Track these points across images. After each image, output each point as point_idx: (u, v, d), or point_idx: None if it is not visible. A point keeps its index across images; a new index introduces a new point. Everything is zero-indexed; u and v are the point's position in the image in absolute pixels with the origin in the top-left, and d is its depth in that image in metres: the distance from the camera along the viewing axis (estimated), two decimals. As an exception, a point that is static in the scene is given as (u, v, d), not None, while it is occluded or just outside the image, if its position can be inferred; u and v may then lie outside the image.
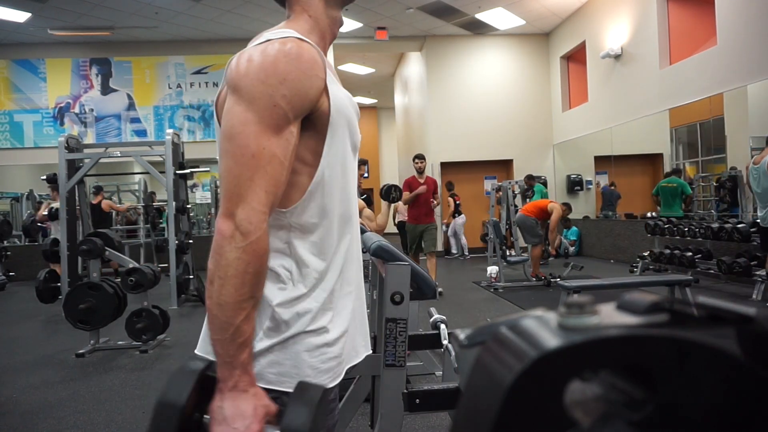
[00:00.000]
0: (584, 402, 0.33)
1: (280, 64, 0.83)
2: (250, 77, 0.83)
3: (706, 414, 0.31)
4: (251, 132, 0.81)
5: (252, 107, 0.82)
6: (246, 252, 0.79)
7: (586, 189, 10.55)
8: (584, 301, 0.32)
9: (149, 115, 10.57)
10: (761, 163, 4.75)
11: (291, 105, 0.83)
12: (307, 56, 0.86)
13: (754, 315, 0.32)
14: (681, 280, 3.84)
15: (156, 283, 4.58)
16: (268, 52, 0.84)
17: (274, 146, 0.82)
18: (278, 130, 0.83)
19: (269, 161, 0.82)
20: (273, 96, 0.82)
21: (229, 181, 0.82)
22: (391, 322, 1.54)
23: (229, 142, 0.82)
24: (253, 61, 0.84)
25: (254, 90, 0.82)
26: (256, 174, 0.81)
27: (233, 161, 0.82)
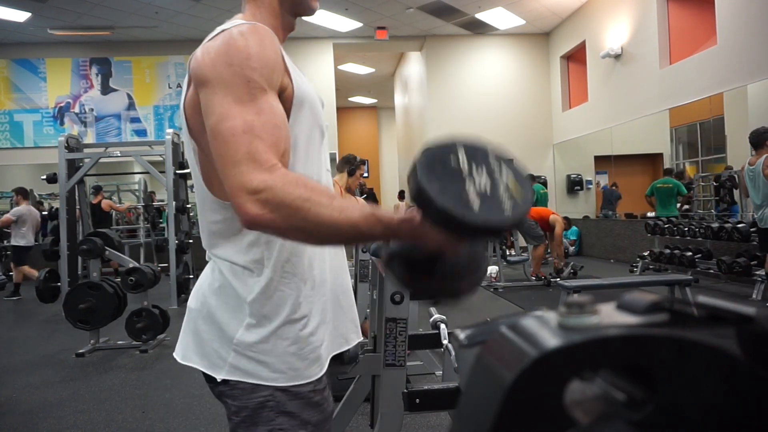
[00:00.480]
0: (584, 402, 0.33)
1: (239, 42, 0.84)
2: (216, 64, 0.83)
3: (706, 414, 0.31)
4: (236, 114, 0.80)
5: (228, 91, 0.81)
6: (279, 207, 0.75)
7: (586, 189, 10.55)
8: (584, 301, 0.32)
9: (149, 114, 10.57)
10: (756, 164, 4.75)
11: (263, 76, 0.83)
12: (263, 32, 0.87)
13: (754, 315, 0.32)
14: (681, 279, 3.84)
15: (156, 283, 4.58)
16: (224, 38, 0.85)
17: (263, 116, 0.81)
18: (258, 101, 0.82)
19: (263, 128, 0.80)
20: (243, 73, 0.82)
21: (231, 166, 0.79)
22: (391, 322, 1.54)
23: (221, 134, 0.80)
24: (213, 49, 0.84)
25: (224, 74, 0.82)
26: (252, 145, 0.78)
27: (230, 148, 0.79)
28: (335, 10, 9.36)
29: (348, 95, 16.13)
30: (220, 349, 0.91)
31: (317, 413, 0.94)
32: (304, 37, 10.32)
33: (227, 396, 0.92)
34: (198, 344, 0.94)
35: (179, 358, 0.98)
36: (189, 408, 3.11)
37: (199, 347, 0.94)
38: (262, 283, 0.90)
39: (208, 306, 0.94)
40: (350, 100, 16.77)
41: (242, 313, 0.90)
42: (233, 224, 0.91)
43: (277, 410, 0.90)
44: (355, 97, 16.74)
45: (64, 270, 6.05)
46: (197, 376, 0.98)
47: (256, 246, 0.91)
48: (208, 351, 0.93)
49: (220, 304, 0.92)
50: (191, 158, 0.94)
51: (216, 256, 0.95)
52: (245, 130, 0.79)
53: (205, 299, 0.94)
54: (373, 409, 2.11)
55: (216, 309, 0.93)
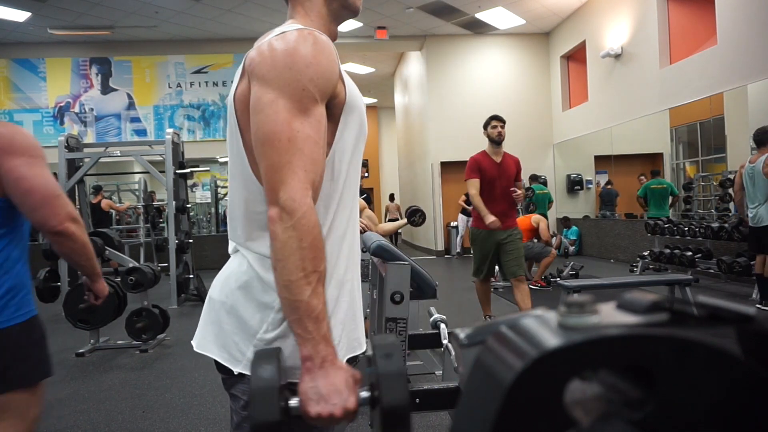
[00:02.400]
0: (584, 401, 0.33)
1: (302, 49, 0.86)
2: (277, 64, 0.85)
3: (705, 413, 0.31)
4: (284, 119, 0.83)
5: (282, 94, 0.84)
6: (296, 229, 0.80)
7: (586, 188, 10.55)
8: (584, 301, 0.32)
9: (149, 114, 10.57)
10: (757, 162, 4.76)
11: (318, 87, 0.86)
12: (324, 42, 0.89)
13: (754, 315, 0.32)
14: (681, 279, 3.84)
15: (156, 283, 4.58)
16: (288, 39, 0.87)
17: (308, 128, 0.84)
18: (309, 113, 0.85)
19: (305, 142, 0.84)
20: (301, 80, 0.84)
21: (269, 169, 0.84)
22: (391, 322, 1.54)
23: (265, 132, 0.84)
24: (276, 50, 0.86)
25: (282, 76, 0.84)
26: (294, 157, 0.83)
27: (270, 149, 0.83)
28: (335, 9, 9.36)
29: (348, 95, 16.14)
30: (240, 343, 0.92)
31: None
32: (304, 37, 10.32)
33: (239, 390, 0.93)
34: (218, 335, 0.95)
35: (195, 347, 0.99)
36: (189, 408, 3.11)
37: (219, 339, 0.95)
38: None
39: (233, 299, 0.94)
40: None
41: (268, 308, 0.91)
42: None
43: None
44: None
45: (64, 270, 6.04)
46: (197, 375, 0.99)
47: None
48: (228, 343, 0.93)
49: (246, 299, 0.93)
50: (237, 149, 0.95)
51: (250, 249, 0.95)
52: (290, 138, 0.83)
53: (231, 292, 0.95)
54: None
55: (241, 303, 0.93)
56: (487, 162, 4.15)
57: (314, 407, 0.77)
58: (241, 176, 0.95)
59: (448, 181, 11.32)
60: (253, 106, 0.86)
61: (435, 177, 11.22)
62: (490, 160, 4.17)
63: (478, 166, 4.13)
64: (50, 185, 1.43)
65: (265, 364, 0.76)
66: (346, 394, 0.78)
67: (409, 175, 13.91)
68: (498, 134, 4.19)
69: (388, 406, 0.72)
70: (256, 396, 0.72)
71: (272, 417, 0.70)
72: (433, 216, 11.32)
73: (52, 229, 1.43)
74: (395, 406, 0.72)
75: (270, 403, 0.71)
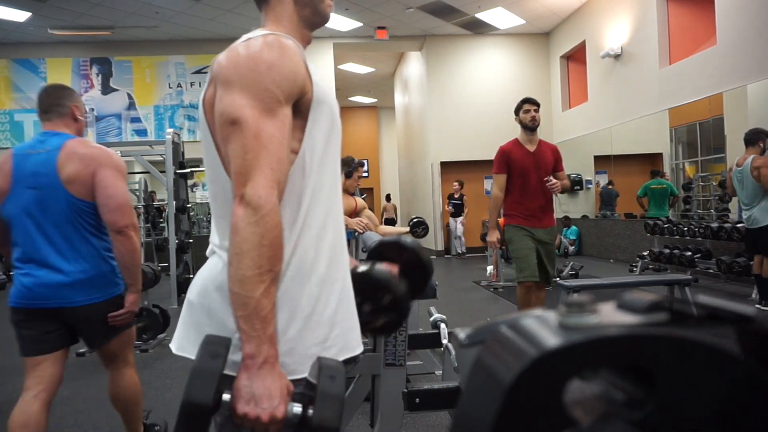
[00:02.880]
0: (584, 401, 0.33)
1: (265, 53, 0.88)
2: (240, 68, 0.88)
3: (705, 413, 0.31)
4: (248, 115, 0.85)
5: (245, 94, 0.86)
6: (258, 225, 0.81)
7: (586, 188, 10.55)
8: (584, 301, 0.32)
9: (149, 114, 10.57)
10: (744, 164, 4.75)
11: (281, 89, 0.88)
12: (289, 44, 0.91)
13: (753, 315, 0.32)
14: (680, 279, 3.84)
15: (156, 283, 4.57)
16: (251, 45, 0.90)
17: (272, 128, 0.86)
18: (273, 113, 0.87)
19: (270, 140, 0.85)
20: (263, 82, 0.86)
21: (235, 165, 0.85)
22: (391, 322, 1.54)
23: (230, 128, 0.86)
24: (240, 54, 0.89)
25: (245, 78, 0.87)
26: (260, 153, 0.84)
27: (237, 145, 0.85)
28: (335, 9, 9.35)
29: (348, 95, 16.13)
30: None
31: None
32: (304, 37, 10.31)
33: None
34: (198, 337, 0.94)
35: (174, 349, 0.99)
36: (189, 407, 3.11)
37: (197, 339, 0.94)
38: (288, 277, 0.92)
39: (210, 300, 0.94)
40: (350, 99, 16.78)
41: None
42: None
43: None
44: (355, 97, 16.74)
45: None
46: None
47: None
48: None
49: (223, 300, 0.92)
50: (211, 154, 0.96)
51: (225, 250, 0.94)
52: (256, 135, 0.85)
53: (208, 293, 0.95)
54: (373, 409, 2.11)
55: (218, 304, 0.93)
56: (519, 152, 3.58)
57: (243, 406, 0.78)
58: (217, 181, 0.96)
59: (448, 181, 11.31)
60: (217, 107, 0.89)
61: (435, 177, 11.21)
62: (522, 149, 3.60)
63: (506, 158, 3.58)
64: (126, 196, 1.96)
65: (213, 348, 0.77)
66: (277, 401, 0.78)
67: (409, 174, 13.91)
68: (532, 119, 3.62)
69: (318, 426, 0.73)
70: (195, 376, 0.72)
71: (205, 400, 0.71)
72: (433, 216, 11.31)
73: (118, 228, 1.91)
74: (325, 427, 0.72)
75: (207, 386, 0.72)
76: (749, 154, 4.74)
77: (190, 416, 0.72)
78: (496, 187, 3.64)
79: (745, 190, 4.76)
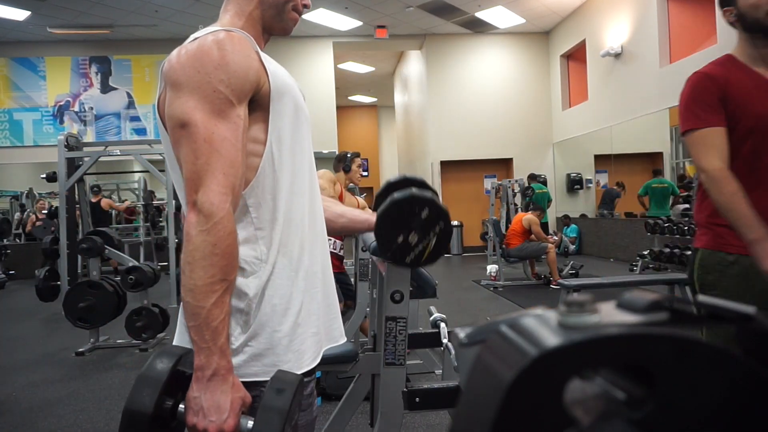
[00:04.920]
0: (584, 401, 0.33)
1: (212, 51, 0.85)
2: (186, 69, 0.84)
3: (706, 413, 0.31)
4: (198, 119, 0.82)
5: (193, 96, 0.83)
6: (210, 233, 0.79)
7: (586, 188, 10.55)
8: (584, 300, 0.32)
9: (149, 113, 10.57)
10: None
11: (230, 88, 0.84)
12: (237, 40, 0.88)
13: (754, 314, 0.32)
14: (681, 278, 3.84)
15: (156, 282, 4.58)
16: (198, 44, 0.86)
17: (223, 130, 0.83)
18: (224, 115, 0.83)
19: (221, 144, 0.82)
20: (211, 82, 0.83)
21: (186, 171, 0.82)
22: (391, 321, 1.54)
23: (180, 132, 0.83)
24: (186, 54, 0.85)
25: (192, 80, 0.83)
26: (212, 157, 0.81)
27: (187, 149, 0.82)
28: (335, 8, 9.36)
29: (348, 94, 16.12)
30: None
31: (303, 416, 0.94)
32: (304, 36, 10.31)
33: None
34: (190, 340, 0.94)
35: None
36: (189, 407, 3.11)
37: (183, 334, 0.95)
38: (257, 278, 0.90)
39: None
40: (350, 99, 16.77)
41: (237, 310, 0.90)
42: None
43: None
44: (354, 96, 16.73)
45: (63, 268, 6.04)
46: (197, 374, 0.98)
47: (251, 242, 0.91)
48: None
49: None
50: (171, 159, 0.94)
51: None
52: (206, 139, 0.81)
53: None
54: (372, 408, 2.11)
55: None
56: (748, 79, 1.56)
57: (192, 418, 0.77)
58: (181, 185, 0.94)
59: (448, 181, 11.32)
60: (167, 111, 0.86)
61: (435, 176, 11.21)
62: (751, 74, 1.57)
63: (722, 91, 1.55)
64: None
65: (164, 356, 0.77)
66: (226, 414, 0.77)
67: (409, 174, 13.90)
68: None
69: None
70: (138, 383, 0.72)
71: (144, 408, 0.71)
72: (432, 215, 11.31)
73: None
74: None
75: (149, 393, 0.71)
76: None
77: (129, 424, 0.71)
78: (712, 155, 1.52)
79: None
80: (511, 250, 6.74)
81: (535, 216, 6.74)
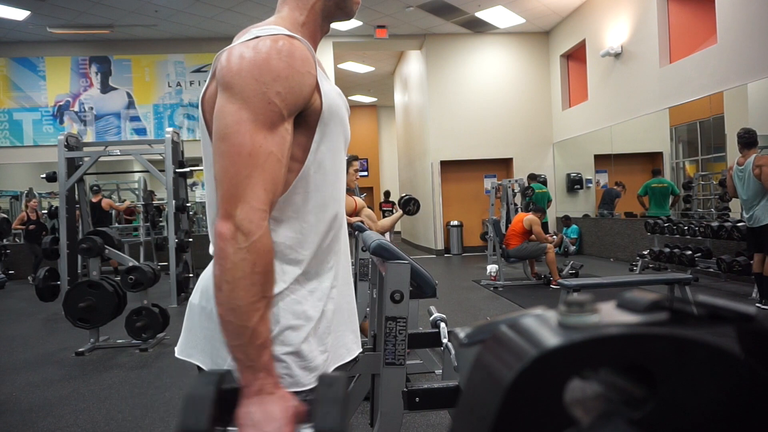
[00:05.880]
0: (584, 400, 0.33)
1: (273, 61, 0.82)
2: (243, 75, 0.81)
3: (705, 412, 0.31)
4: (246, 130, 0.80)
5: (246, 105, 0.80)
6: (250, 252, 0.77)
7: (586, 187, 10.55)
8: (584, 300, 0.32)
9: (149, 113, 10.57)
10: (746, 164, 4.75)
11: (285, 102, 0.82)
12: (299, 53, 0.85)
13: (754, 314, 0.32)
14: (681, 278, 3.84)
15: (156, 282, 4.58)
16: (259, 48, 0.83)
17: (270, 144, 0.81)
18: (273, 128, 0.81)
19: (266, 159, 0.80)
20: (267, 93, 0.80)
21: (226, 181, 0.80)
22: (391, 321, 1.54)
23: (224, 142, 0.81)
24: (245, 58, 0.82)
25: (247, 88, 0.80)
26: (254, 172, 0.79)
27: (229, 161, 0.80)
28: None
29: (348, 94, 16.13)
30: (222, 348, 0.90)
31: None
32: (304, 36, 10.30)
33: None
34: (200, 341, 0.94)
35: (178, 353, 0.98)
36: (189, 406, 3.11)
37: (201, 344, 0.94)
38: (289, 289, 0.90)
39: (212, 304, 0.92)
40: (350, 98, 16.77)
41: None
42: None
43: None
44: (354, 96, 16.74)
45: (63, 268, 6.04)
46: (198, 374, 0.98)
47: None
48: (210, 349, 0.92)
49: None
50: (209, 154, 0.92)
51: None
52: (251, 153, 0.79)
53: (210, 297, 0.92)
54: (372, 408, 2.11)
55: None
56: None
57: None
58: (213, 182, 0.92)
59: (448, 180, 11.32)
60: (216, 113, 0.83)
61: (435, 176, 11.21)
62: None
63: None
64: None
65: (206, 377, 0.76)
66: (281, 423, 0.76)
67: (409, 174, 13.91)
68: None
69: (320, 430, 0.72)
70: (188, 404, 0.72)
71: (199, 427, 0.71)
72: (433, 215, 11.32)
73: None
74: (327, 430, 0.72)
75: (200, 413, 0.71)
76: (748, 155, 4.74)
77: None
78: None
79: (746, 189, 4.76)
80: (511, 251, 6.74)
81: (536, 217, 6.74)
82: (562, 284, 3.82)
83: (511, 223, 7.03)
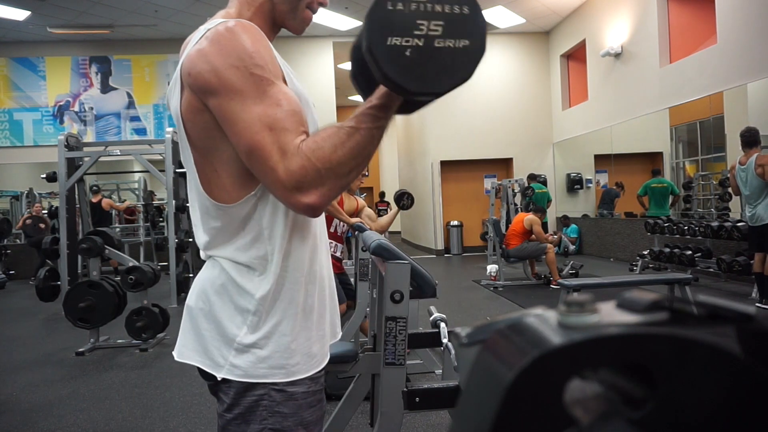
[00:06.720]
0: (584, 400, 0.33)
1: (235, 41, 0.83)
2: (219, 69, 0.82)
3: (706, 412, 0.31)
4: (256, 113, 0.80)
5: (241, 97, 0.81)
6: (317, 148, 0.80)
7: (586, 188, 10.55)
8: (584, 300, 0.32)
9: (149, 113, 10.57)
10: (748, 163, 4.75)
11: (266, 69, 0.83)
12: (253, 28, 0.87)
13: (754, 313, 0.32)
14: (681, 278, 3.84)
15: (156, 282, 4.58)
16: (217, 38, 0.84)
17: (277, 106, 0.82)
18: (269, 93, 0.82)
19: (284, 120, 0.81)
20: (249, 72, 0.81)
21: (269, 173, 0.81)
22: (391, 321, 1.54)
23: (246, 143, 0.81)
24: (211, 53, 0.83)
25: (231, 78, 0.81)
26: (280, 140, 0.80)
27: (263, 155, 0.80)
28: (335, 8, 9.35)
29: (348, 94, 16.12)
30: (221, 348, 0.91)
31: (310, 414, 0.94)
32: (304, 36, 10.31)
33: (223, 392, 0.92)
34: (199, 342, 0.94)
35: (177, 356, 0.98)
36: (189, 407, 3.11)
37: (200, 345, 0.94)
38: (266, 279, 0.90)
39: (210, 304, 0.93)
40: (350, 98, 16.77)
41: (245, 311, 0.90)
42: (232, 226, 0.91)
43: (270, 410, 0.90)
44: (355, 96, 16.73)
45: (63, 268, 6.04)
46: (197, 374, 0.98)
47: (258, 243, 0.91)
48: (210, 349, 0.92)
49: (223, 303, 0.92)
50: (188, 163, 0.93)
51: (219, 254, 0.94)
52: (271, 126, 0.80)
53: (207, 297, 0.93)
54: (372, 408, 2.11)
55: (218, 308, 0.92)
56: None
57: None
58: (195, 190, 0.93)
59: (448, 180, 11.32)
60: (222, 121, 0.83)
61: (435, 176, 11.22)
62: None
63: None
64: None
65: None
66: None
67: (409, 173, 13.91)
68: None
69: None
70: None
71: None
72: (433, 215, 11.32)
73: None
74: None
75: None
76: (751, 154, 4.75)
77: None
78: None
79: (749, 188, 4.77)
80: (511, 251, 6.75)
81: (536, 217, 6.75)
82: (562, 284, 3.82)
83: (511, 223, 7.04)
